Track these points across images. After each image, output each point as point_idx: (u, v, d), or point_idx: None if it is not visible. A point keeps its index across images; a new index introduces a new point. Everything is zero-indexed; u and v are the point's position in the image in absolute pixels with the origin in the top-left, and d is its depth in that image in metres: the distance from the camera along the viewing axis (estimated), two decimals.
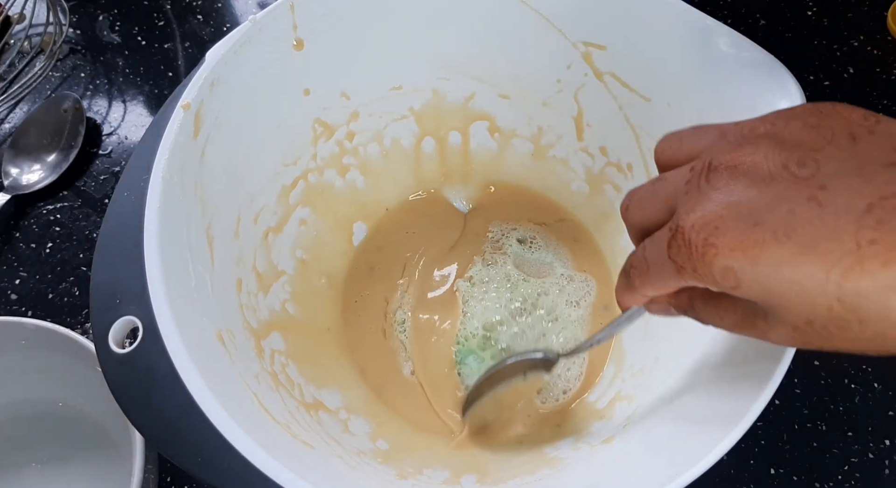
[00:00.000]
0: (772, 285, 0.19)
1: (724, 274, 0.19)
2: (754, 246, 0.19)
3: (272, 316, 0.37)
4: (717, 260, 0.19)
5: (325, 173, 0.42)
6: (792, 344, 0.21)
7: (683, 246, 0.20)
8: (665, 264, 0.21)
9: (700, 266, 0.20)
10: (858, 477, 0.39)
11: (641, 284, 0.24)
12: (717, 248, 0.19)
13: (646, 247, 0.23)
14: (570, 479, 0.32)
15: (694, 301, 0.23)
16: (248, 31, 0.34)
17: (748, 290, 0.19)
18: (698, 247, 0.20)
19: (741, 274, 0.19)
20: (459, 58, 0.41)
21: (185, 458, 0.26)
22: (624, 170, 0.42)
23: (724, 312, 0.22)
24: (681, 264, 0.21)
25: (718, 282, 0.20)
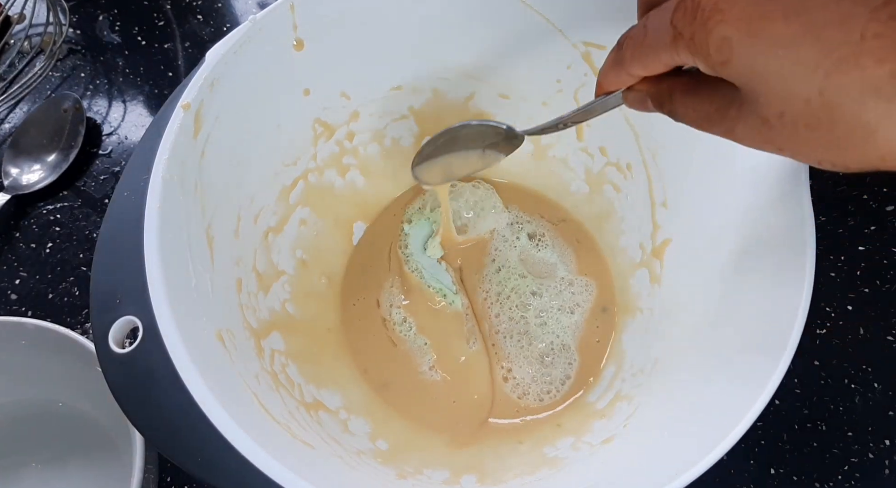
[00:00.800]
0: (761, 65, 0.18)
1: (720, 44, 0.19)
2: (760, 19, 0.18)
3: (272, 316, 0.37)
4: (719, 27, 0.19)
5: (325, 173, 0.42)
6: (755, 141, 0.20)
7: (689, 11, 0.19)
8: (663, 32, 0.21)
9: (699, 32, 0.19)
10: (858, 477, 0.39)
11: (632, 57, 0.23)
12: (724, 14, 0.19)
13: (649, 16, 0.22)
14: (570, 479, 0.32)
15: (673, 91, 0.23)
16: (248, 31, 0.34)
17: (735, 68, 0.19)
18: (705, 10, 0.19)
19: (737, 46, 0.19)
20: (459, 58, 0.41)
21: (185, 458, 0.26)
22: (624, 170, 0.42)
23: (699, 103, 0.22)
24: (680, 30, 0.20)
25: (710, 55, 0.19)
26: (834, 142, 0.18)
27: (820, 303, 0.43)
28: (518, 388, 0.40)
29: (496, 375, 0.40)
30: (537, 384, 0.40)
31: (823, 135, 0.18)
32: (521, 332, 0.41)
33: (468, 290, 0.43)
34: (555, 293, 0.43)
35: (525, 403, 0.39)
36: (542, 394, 0.40)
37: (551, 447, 0.36)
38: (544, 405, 0.39)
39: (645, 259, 0.40)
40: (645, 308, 0.40)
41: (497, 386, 0.40)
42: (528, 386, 0.40)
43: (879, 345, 0.42)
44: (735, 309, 0.31)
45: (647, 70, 0.23)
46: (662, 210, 0.40)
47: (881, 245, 0.45)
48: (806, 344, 0.35)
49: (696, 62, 0.20)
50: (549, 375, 0.40)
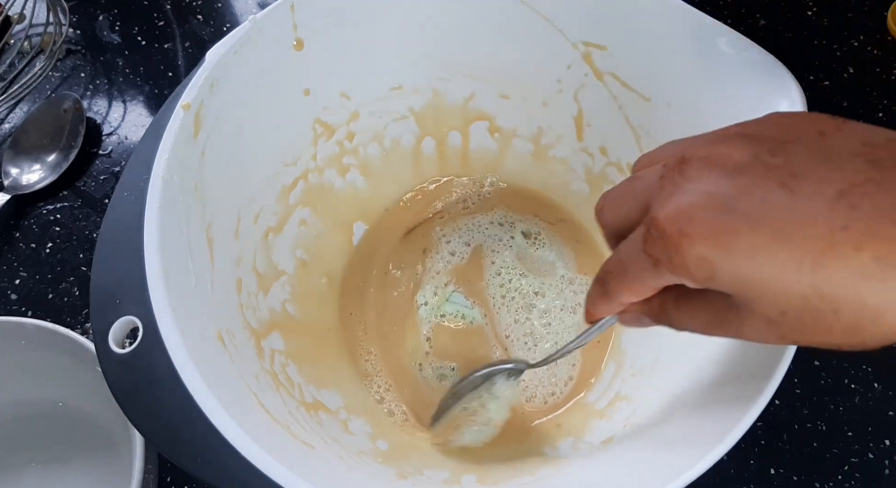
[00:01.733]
0: (746, 274, 0.19)
1: (699, 264, 0.19)
2: (728, 234, 0.19)
3: (272, 316, 0.37)
4: (692, 249, 0.19)
5: (325, 173, 0.42)
6: (766, 338, 0.20)
7: (658, 238, 0.20)
8: (641, 261, 0.21)
9: (675, 256, 0.20)
10: (858, 477, 0.39)
11: (618, 289, 0.23)
12: (692, 238, 0.19)
13: (621, 249, 0.23)
14: (570, 479, 0.32)
15: (666, 305, 0.23)
16: (248, 31, 0.34)
17: (722, 281, 0.19)
18: (673, 237, 0.19)
19: (716, 263, 0.19)
20: (459, 58, 0.41)
21: (185, 458, 0.26)
22: (624, 170, 0.42)
23: (696, 311, 0.22)
24: (657, 257, 0.20)
25: (693, 274, 0.20)
26: (845, 328, 0.18)
27: None
28: (526, 392, 0.40)
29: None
30: (543, 386, 0.40)
31: (833, 324, 0.18)
32: (527, 334, 0.41)
33: (478, 300, 0.43)
34: (556, 292, 0.43)
35: (531, 407, 0.39)
36: (547, 396, 0.40)
37: (551, 447, 0.36)
38: (548, 406, 0.39)
39: None
40: None
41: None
42: (535, 389, 0.40)
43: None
44: None
45: (638, 296, 0.23)
46: None
47: None
48: None
49: (683, 281, 0.20)
50: (554, 376, 0.40)
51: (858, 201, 0.17)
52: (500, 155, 0.46)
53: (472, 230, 0.45)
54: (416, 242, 0.45)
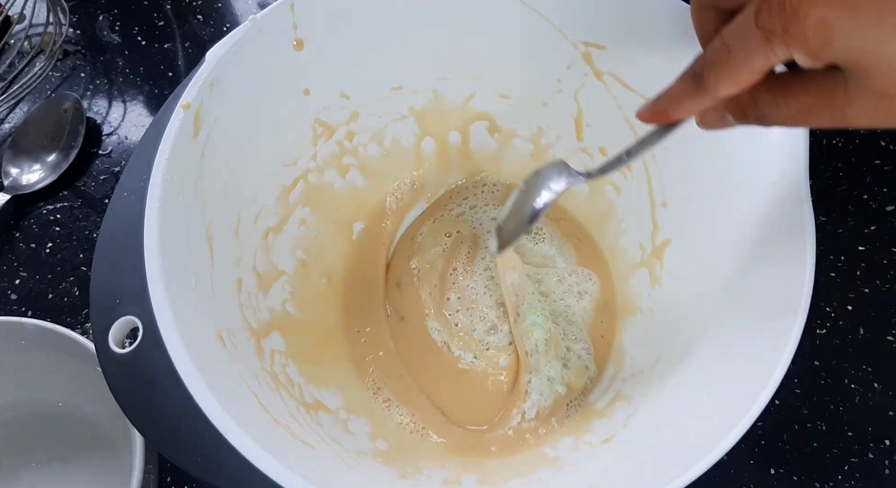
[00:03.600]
0: (869, 39, 0.18)
1: (818, 27, 0.18)
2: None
3: (272, 316, 0.37)
4: (813, 10, 0.18)
5: (325, 173, 0.42)
6: (870, 117, 0.19)
7: (777, 5, 0.19)
8: (751, 39, 0.20)
9: (793, 22, 0.18)
10: (858, 477, 0.39)
11: (718, 77, 0.22)
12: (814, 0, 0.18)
13: (725, 33, 0.21)
14: (570, 479, 0.32)
15: (758, 95, 0.22)
16: (248, 31, 0.34)
17: (839, 48, 0.18)
18: (792, 1, 0.18)
19: (837, 26, 0.18)
20: (459, 58, 0.41)
21: (185, 458, 0.26)
22: (623, 170, 0.42)
23: (793, 97, 0.21)
24: (771, 27, 0.19)
25: (810, 40, 0.18)
26: None
27: (820, 302, 0.43)
28: (526, 392, 0.40)
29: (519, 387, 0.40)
30: (544, 386, 0.40)
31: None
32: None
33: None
34: (557, 280, 0.42)
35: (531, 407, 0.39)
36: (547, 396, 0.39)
37: (551, 447, 0.36)
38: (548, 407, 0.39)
39: (645, 259, 0.40)
40: (645, 308, 0.40)
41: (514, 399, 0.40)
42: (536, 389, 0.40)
43: (879, 344, 0.42)
44: (735, 309, 0.31)
45: (740, 85, 0.22)
46: (662, 210, 0.40)
47: (881, 245, 0.45)
48: (806, 344, 0.35)
49: (795, 54, 0.19)
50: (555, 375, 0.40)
51: None
52: (499, 155, 0.46)
53: (471, 229, 0.45)
54: (417, 242, 0.45)
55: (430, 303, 0.42)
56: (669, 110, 0.24)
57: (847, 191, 0.46)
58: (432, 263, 0.44)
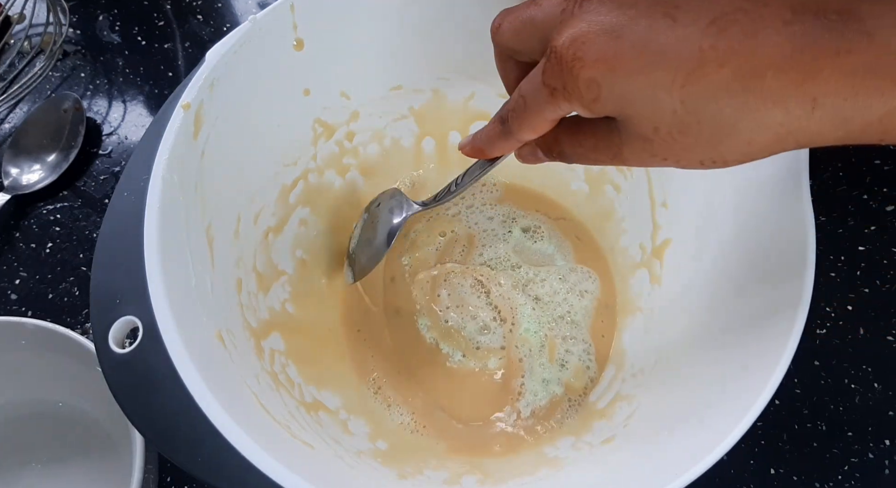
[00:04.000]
0: (626, 93, 0.21)
1: (589, 85, 0.21)
2: (615, 57, 0.21)
3: (272, 316, 0.37)
4: (583, 72, 0.21)
5: (324, 173, 0.42)
6: (641, 158, 0.23)
7: (556, 64, 0.22)
8: (540, 93, 0.23)
9: (569, 80, 0.22)
10: (858, 477, 0.39)
11: (518, 125, 0.25)
12: (584, 61, 0.21)
13: (522, 86, 0.25)
14: (570, 479, 0.32)
15: (558, 137, 0.25)
16: (248, 31, 0.34)
17: (606, 101, 0.22)
18: (567, 61, 0.21)
19: (602, 84, 0.21)
20: (459, 58, 0.41)
21: (185, 458, 0.26)
22: (623, 170, 0.42)
23: (584, 138, 0.25)
24: (553, 85, 0.22)
25: (583, 96, 0.22)
26: (706, 141, 0.21)
27: (820, 303, 0.43)
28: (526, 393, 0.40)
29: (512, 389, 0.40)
30: (544, 387, 0.40)
31: (696, 138, 0.21)
32: (522, 304, 0.41)
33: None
34: (559, 278, 0.42)
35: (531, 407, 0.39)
36: (547, 397, 0.40)
37: (551, 447, 0.36)
38: (548, 407, 0.39)
39: (645, 259, 0.40)
40: (645, 308, 0.40)
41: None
42: (535, 389, 0.40)
43: (879, 344, 0.42)
44: (735, 309, 0.31)
45: (537, 131, 0.25)
46: (662, 210, 0.40)
47: (881, 245, 0.45)
48: (806, 344, 0.35)
49: (575, 108, 0.23)
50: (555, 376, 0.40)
51: (727, 25, 0.20)
52: None
53: (466, 229, 0.45)
54: (410, 239, 0.45)
55: (421, 299, 0.42)
56: (485, 148, 0.29)
57: (847, 192, 0.46)
58: (424, 261, 0.44)
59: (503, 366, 0.40)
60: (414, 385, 0.40)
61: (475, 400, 0.39)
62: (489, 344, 0.41)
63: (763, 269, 0.30)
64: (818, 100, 0.19)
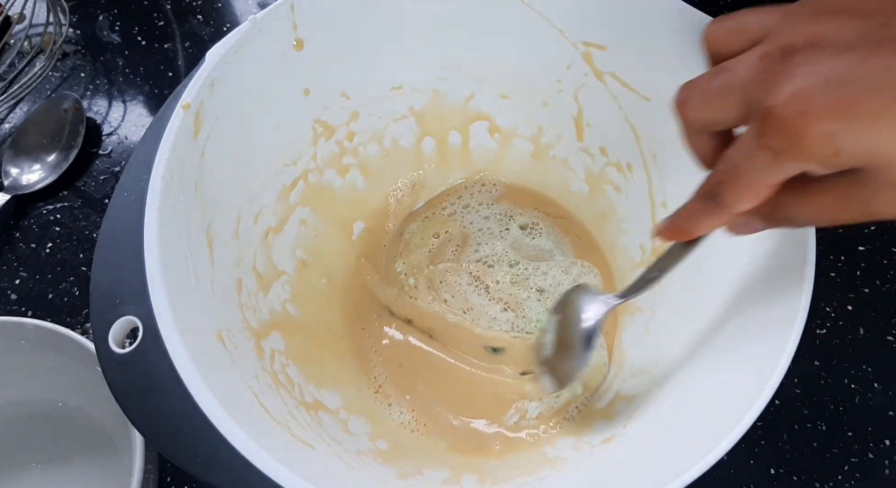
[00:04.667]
0: (872, 141, 0.19)
1: (824, 140, 0.19)
2: (851, 103, 0.19)
3: (272, 316, 0.37)
4: (814, 126, 0.19)
5: (325, 173, 0.42)
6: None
7: (778, 126, 0.20)
8: (758, 158, 0.21)
9: (797, 140, 0.19)
10: (858, 477, 0.39)
11: (733, 197, 0.23)
12: (813, 116, 0.19)
13: (730, 155, 0.22)
14: (570, 479, 0.32)
15: (781, 201, 0.23)
16: (248, 31, 0.34)
17: (849, 154, 0.19)
18: (792, 120, 0.19)
19: (840, 134, 0.19)
20: (459, 58, 0.41)
21: (185, 458, 0.26)
22: (624, 170, 0.42)
23: (816, 197, 0.22)
24: (776, 148, 0.20)
25: (818, 153, 0.19)
26: None
27: (820, 303, 0.43)
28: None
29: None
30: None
31: None
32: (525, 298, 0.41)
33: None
34: (562, 271, 0.42)
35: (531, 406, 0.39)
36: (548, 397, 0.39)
37: (551, 447, 0.36)
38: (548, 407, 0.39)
39: (645, 259, 0.40)
40: (645, 308, 0.40)
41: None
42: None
43: (879, 345, 0.42)
44: (735, 308, 0.31)
45: (756, 200, 0.22)
46: (662, 210, 0.40)
47: (881, 245, 0.45)
48: (806, 344, 0.35)
49: (807, 166, 0.20)
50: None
51: None
52: (499, 155, 0.46)
53: (460, 229, 0.45)
54: (404, 239, 0.45)
55: (420, 301, 0.42)
56: (689, 229, 0.26)
57: None
58: (418, 265, 0.44)
59: (513, 363, 0.40)
60: (415, 384, 0.40)
61: (476, 400, 0.39)
62: (496, 340, 0.41)
63: (763, 269, 0.30)
64: None
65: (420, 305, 0.42)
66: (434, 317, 0.42)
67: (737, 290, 0.32)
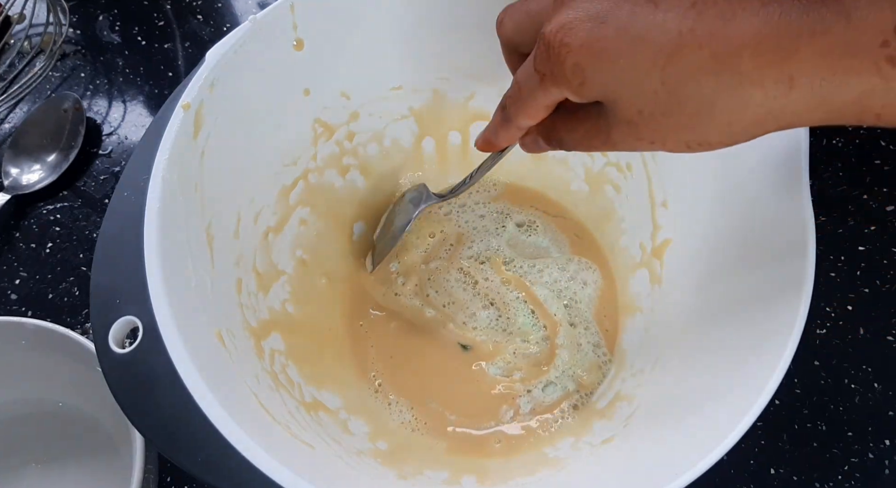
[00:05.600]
0: (610, 77, 0.22)
1: (574, 70, 0.22)
2: (598, 41, 0.21)
3: (272, 316, 0.37)
4: (569, 57, 0.22)
5: (325, 173, 0.42)
6: (629, 142, 0.23)
7: (544, 50, 0.23)
8: (533, 79, 0.24)
9: (556, 67, 0.22)
10: (858, 477, 0.39)
11: (516, 112, 0.26)
12: (570, 47, 0.22)
13: (518, 74, 0.25)
14: (570, 479, 0.32)
15: (555, 124, 0.26)
16: (248, 31, 0.34)
17: (592, 85, 0.22)
18: (555, 47, 0.22)
19: (587, 68, 0.22)
20: (459, 58, 0.41)
21: (184, 458, 0.26)
22: (623, 169, 0.42)
23: (577, 125, 0.25)
24: (543, 71, 0.23)
25: (570, 81, 0.22)
26: (688, 122, 0.22)
27: (820, 303, 0.43)
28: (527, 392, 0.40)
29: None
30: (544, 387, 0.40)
31: (679, 118, 0.22)
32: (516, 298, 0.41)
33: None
34: (559, 268, 0.42)
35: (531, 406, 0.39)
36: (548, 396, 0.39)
37: (551, 447, 0.36)
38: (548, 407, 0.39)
39: (645, 259, 0.40)
40: (645, 308, 0.40)
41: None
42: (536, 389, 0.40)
43: (879, 345, 0.42)
44: (735, 309, 0.31)
45: (534, 118, 0.26)
46: (662, 210, 0.40)
47: (881, 245, 0.45)
48: (806, 344, 0.35)
49: (563, 93, 0.23)
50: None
51: (706, 9, 0.20)
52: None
53: (461, 227, 0.45)
54: (407, 244, 0.45)
55: (401, 295, 0.42)
56: (493, 139, 0.29)
57: (847, 192, 0.46)
58: (412, 265, 0.44)
59: (509, 359, 0.40)
60: (414, 383, 0.40)
61: (476, 399, 0.39)
62: (494, 337, 0.41)
63: (763, 270, 0.30)
64: (795, 79, 0.20)
65: (402, 301, 0.42)
66: (413, 311, 0.42)
67: (736, 291, 0.32)
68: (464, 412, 0.39)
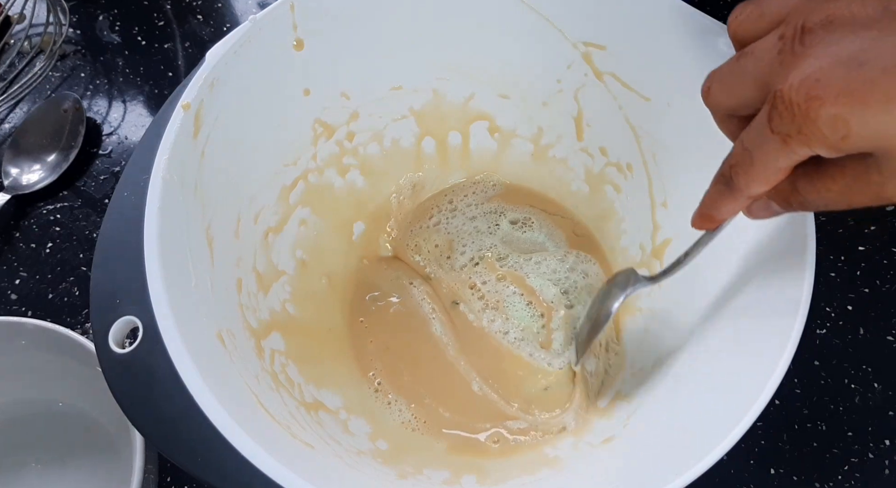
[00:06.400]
0: (884, 124, 0.18)
1: (833, 124, 0.19)
2: (862, 86, 0.18)
3: (272, 316, 0.37)
4: (822, 110, 0.18)
5: (325, 173, 0.42)
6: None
7: (785, 111, 0.19)
8: (769, 143, 0.21)
9: (805, 124, 0.19)
10: (858, 477, 0.39)
11: (747, 181, 0.22)
12: (821, 100, 0.18)
13: (743, 138, 0.22)
14: (570, 479, 0.32)
15: (796, 185, 0.22)
16: (248, 31, 0.34)
17: (859, 137, 0.19)
18: (800, 104, 0.19)
19: (850, 118, 0.18)
20: (459, 58, 0.41)
21: (185, 458, 0.26)
22: (624, 170, 0.42)
23: (830, 181, 0.21)
24: (785, 132, 0.20)
25: (827, 137, 0.19)
26: None
27: (820, 303, 0.43)
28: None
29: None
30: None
31: None
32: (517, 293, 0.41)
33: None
34: (558, 259, 0.42)
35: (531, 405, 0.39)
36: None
37: (551, 447, 0.36)
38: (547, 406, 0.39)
39: (645, 259, 0.40)
40: (645, 308, 0.40)
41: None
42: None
43: (879, 345, 0.42)
44: (735, 309, 0.31)
45: (768, 184, 0.22)
46: (662, 210, 0.40)
47: (881, 245, 0.45)
48: (806, 344, 0.35)
49: (816, 151, 0.20)
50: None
51: None
52: (499, 155, 0.46)
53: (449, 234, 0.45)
54: (416, 242, 0.45)
55: (417, 297, 0.42)
56: (713, 214, 0.26)
57: None
58: (410, 272, 0.44)
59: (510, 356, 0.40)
60: (414, 382, 0.40)
61: (477, 399, 0.39)
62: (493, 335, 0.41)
63: (763, 270, 0.30)
64: None
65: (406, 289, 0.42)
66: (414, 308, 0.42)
67: (737, 291, 0.32)
68: (463, 412, 0.39)
